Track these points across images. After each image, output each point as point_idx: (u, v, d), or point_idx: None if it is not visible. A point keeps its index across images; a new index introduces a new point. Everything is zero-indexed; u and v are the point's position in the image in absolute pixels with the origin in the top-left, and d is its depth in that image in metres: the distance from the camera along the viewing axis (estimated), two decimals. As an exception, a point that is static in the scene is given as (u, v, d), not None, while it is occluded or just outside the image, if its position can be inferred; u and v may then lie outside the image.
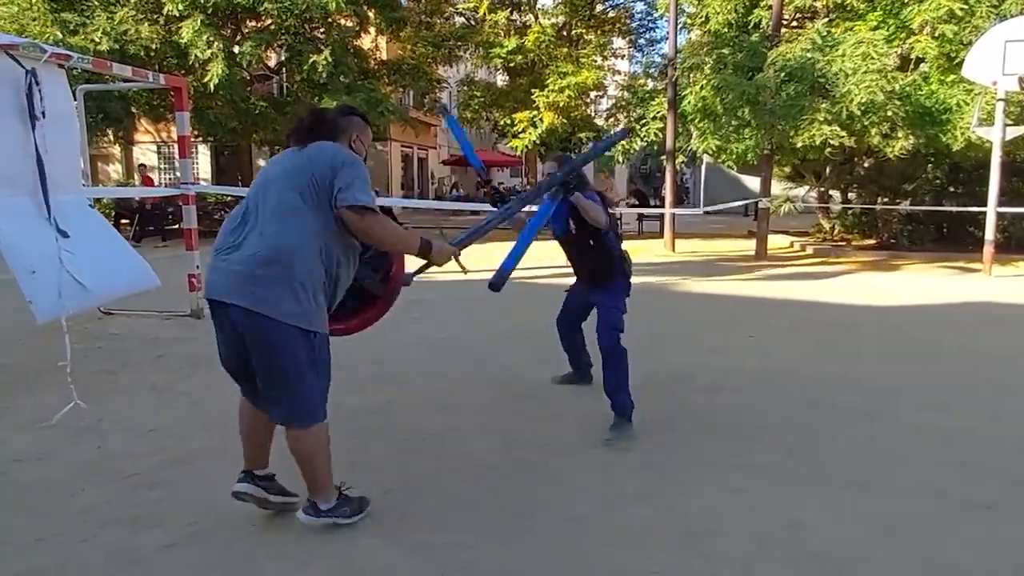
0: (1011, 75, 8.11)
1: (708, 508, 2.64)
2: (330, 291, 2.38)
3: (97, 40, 13.40)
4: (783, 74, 9.82)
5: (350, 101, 14.26)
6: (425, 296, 7.62)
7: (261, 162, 23.32)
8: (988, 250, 8.95)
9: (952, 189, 11.84)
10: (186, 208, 6.67)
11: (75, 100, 5.64)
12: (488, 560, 2.29)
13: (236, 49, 14.79)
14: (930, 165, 11.63)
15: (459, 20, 20.28)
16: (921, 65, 9.97)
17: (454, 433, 3.47)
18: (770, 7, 11.25)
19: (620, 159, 17.45)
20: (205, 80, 13.97)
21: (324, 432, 2.38)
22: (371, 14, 16.61)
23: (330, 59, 14.58)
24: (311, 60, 14.60)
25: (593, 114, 20.49)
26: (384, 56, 19.12)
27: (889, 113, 9.10)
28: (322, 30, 15.80)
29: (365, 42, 17.65)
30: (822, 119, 9.25)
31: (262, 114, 15.76)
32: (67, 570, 2.23)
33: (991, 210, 8.88)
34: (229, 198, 15.46)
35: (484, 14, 18.40)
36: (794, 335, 5.75)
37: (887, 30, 10.22)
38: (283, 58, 16.68)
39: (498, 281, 2.75)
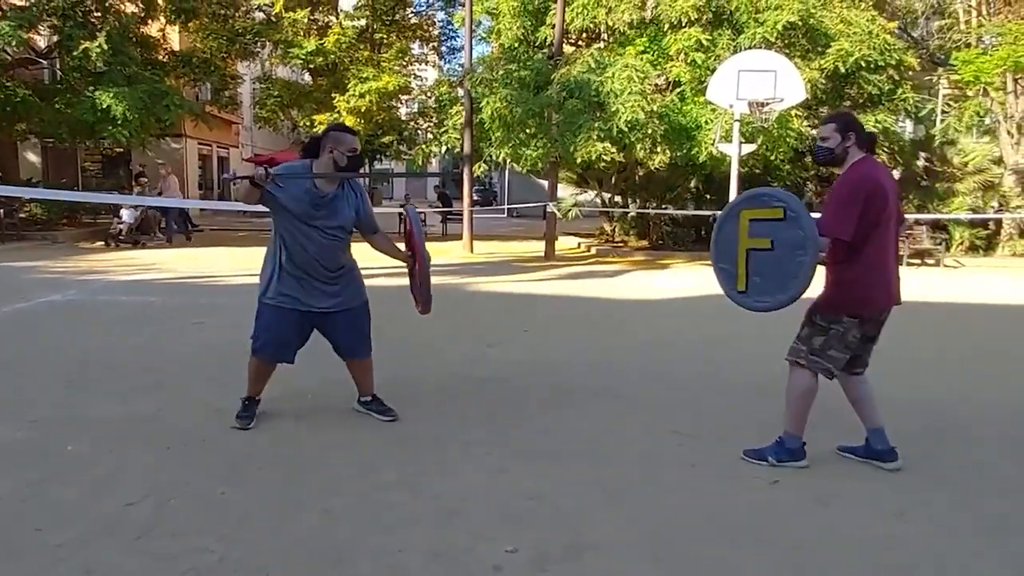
0: (743, 100, 9.58)
1: (460, 489, 2.93)
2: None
3: None
4: (564, 92, 10.76)
5: (131, 92, 13.37)
6: (218, 300, 7.41)
7: (29, 155, 20.64)
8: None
9: (708, 196, 13.62)
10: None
11: None
12: (240, 560, 2.38)
13: None
14: (690, 176, 13.28)
15: (259, 15, 19.52)
16: (679, 88, 11.35)
17: (223, 436, 3.52)
18: (554, 26, 12.20)
19: (420, 161, 17.82)
20: None
21: (253, 362, 3.57)
22: (160, 1, 15.52)
23: (106, 46, 13.36)
24: (83, 46, 13.27)
25: (403, 117, 20.65)
26: (176, 47, 17.85)
27: (650, 130, 10.35)
28: (97, 14, 14.44)
29: (153, 30, 16.43)
30: (596, 136, 10.30)
31: (24, 102, 13.93)
32: None
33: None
34: (-18, 197, 13.40)
35: (281, 11, 17.86)
36: (564, 328, 6.43)
37: (652, 55, 11.52)
38: (52, 42, 14.90)
39: None
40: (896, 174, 12.87)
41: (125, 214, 13.73)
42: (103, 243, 13.53)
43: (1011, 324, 7.33)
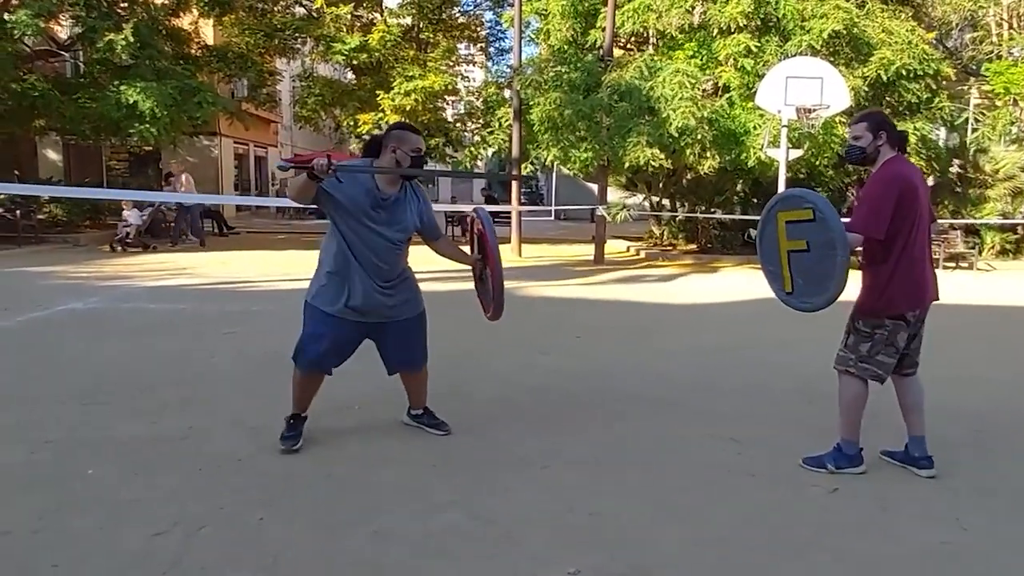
0: (791, 106, 9.55)
1: (516, 507, 2.82)
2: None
3: None
4: (615, 96, 10.85)
5: (160, 88, 12.70)
6: (253, 307, 7.39)
7: (50, 153, 19.87)
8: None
9: (755, 200, 13.56)
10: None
11: None
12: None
13: (7, 17, 12.48)
14: (738, 180, 13.25)
15: (299, 11, 19.31)
16: (728, 93, 11.33)
17: (260, 455, 3.30)
18: (604, 28, 12.21)
19: (467, 164, 17.89)
20: None
21: (297, 375, 3.35)
22: (192, -8, 14.84)
23: (133, 39, 12.63)
24: (107, 38, 12.53)
25: (448, 118, 20.49)
26: (210, 41, 17.24)
27: (699, 135, 10.39)
28: (124, 4, 13.91)
29: (185, 23, 15.76)
30: (645, 142, 10.36)
31: (44, 96, 13.07)
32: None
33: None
34: (1, 195, 12.95)
35: (322, 6, 17.70)
36: (617, 334, 6.44)
37: (701, 60, 11.51)
38: (75, 33, 14.23)
39: None
40: (931, 180, 12.85)
41: (130, 216, 12.72)
42: (108, 247, 12.61)
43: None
